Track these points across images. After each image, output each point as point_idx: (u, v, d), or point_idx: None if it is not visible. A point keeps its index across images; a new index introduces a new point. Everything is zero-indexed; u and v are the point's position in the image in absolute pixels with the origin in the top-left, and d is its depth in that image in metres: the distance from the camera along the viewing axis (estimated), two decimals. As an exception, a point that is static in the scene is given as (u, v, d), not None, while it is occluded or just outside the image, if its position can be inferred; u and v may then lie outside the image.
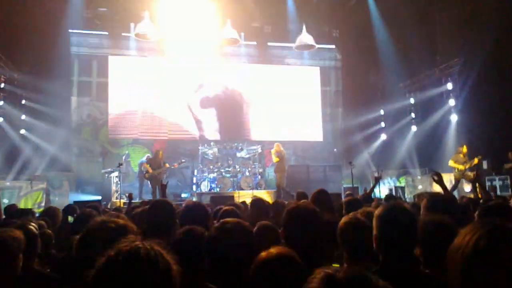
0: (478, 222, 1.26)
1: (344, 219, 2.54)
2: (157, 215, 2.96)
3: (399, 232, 1.99)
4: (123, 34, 13.59)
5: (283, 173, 11.97)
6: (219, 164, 13.17)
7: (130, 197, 6.24)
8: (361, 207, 3.63)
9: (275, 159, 11.92)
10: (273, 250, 1.77)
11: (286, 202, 6.76)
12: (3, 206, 8.03)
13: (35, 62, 12.09)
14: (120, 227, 1.86)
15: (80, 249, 1.86)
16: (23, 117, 12.43)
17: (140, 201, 9.23)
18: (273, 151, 12.10)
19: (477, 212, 3.12)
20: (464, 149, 10.72)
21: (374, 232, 2.07)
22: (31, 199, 11.55)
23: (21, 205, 9.63)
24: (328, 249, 2.59)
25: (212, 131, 14.57)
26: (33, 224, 3.09)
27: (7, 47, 11.69)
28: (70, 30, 13.26)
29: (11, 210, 5.85)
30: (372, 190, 6.98)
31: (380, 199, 8.06)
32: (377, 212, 2.12)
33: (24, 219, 3.92)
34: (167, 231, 2.69)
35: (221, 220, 2.14)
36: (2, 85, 11.91)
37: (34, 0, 11.46)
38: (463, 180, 10.93)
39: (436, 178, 4.16)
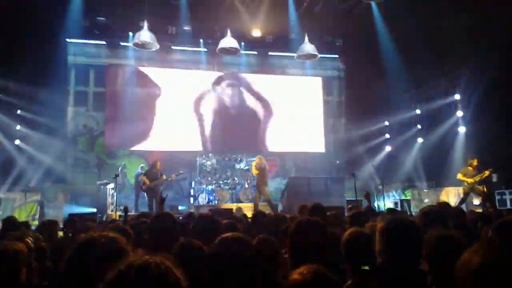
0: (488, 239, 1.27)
1: (348, 232, 2.55)
2: (160, 228, 3.06)
3: (402, 245, 2.01)
4: (121, 43, 13.43)
5: (265, 186, 11.61)
6: (218, 176, 12.95)
7: (126, 210, 6.06)
8: (366, 221, 3.69)
9: (254, 171, 11.48)
10: (305, 270, 1.73)
11: (288, 216, 6.45)
12: (-1, 218, 7.80)
13: (31, 72, 11.92)
14: (110, 241, 1.78)
15: (69, 265, 1.79)
16: (18, 127, 12.30)
17: (137, 213, 8.88)
18: (253, 163, 11.68)
19: (491, 229, 2.96)
20: (475, 162, 10.36)
21: (378, 246, 2.08)
22: (25, 211, 11.39)
23: (15, 216, 9.44)
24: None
25: (210, 142, 14.28)
26: (30, 237, 3.11)
27: (3, 56, 11.59)
28: (67, 39, 13.18)
29: (9, 222, 5.61)
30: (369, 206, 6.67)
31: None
32: (379, 226, 2.13)
33: (21, 232, 3.80)
34: (169, 243, 2.69)
35: (221, 236, 2.10)
36: (-2, 95, 11.81)
37: (31, 9, 11.34)
38: (472, 194, 10.51)
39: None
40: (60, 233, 5.45)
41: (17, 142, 12.24)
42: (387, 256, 2.04)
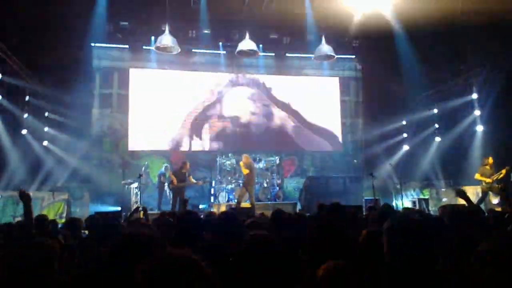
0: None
1: (365, 231, 2.57)
2: (186, 226, 3.19)
3: (407, 243, 1.96)
4: (144, 47, 13.79)
5: (253, 186, 11.68)
6: (237, 175, 13.12)
7: (145, 210, 6.30)
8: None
9: (244, 171, 11.36)
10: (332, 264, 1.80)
11: (307, 215, 6.65)
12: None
13: (58, 76, 12.36)
14: (148, 238, 1.93)
15: (112, 260, 1.92)
16: (46, 129, 12.72)
17: (160, 212, 9.18)
18: (241, 163, 11.54)
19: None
20: (490, 160, 10.40)
21: (385, 246, 2.06)
22: (53, 209, 11.74)
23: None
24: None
25: (230, 142, 14.50)
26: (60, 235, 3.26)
27: (31, 61, 12.03)
28: (92, 44, 13.57)
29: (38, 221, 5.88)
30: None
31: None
32: (384, 225, 2.10)
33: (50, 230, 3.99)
34: (194, 240, 2.89)
35: (250, 233, 2.20)
36: (27, 98, 12.24)
37: (58, 15, 11.73)
38: (490, 193, 10.54)
39: (458, 195, 4.18)
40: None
41: (45, 143, 12.63)
42: (391, 256, 2.03)
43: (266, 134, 14.72)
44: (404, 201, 12.67)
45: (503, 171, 9.99)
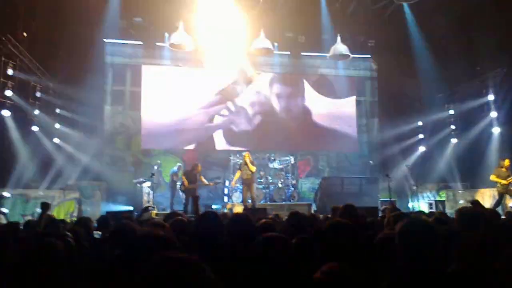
0: None
1: (380, 235, 2.56)
2: (206, 227, 3.04)
3: (420, 245, 2.00)
4: (157, 44, 13.61)
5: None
6: (251, 174, 12.93)
7: (143, 211, 6.18)
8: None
9: (253, 168, 10.97)
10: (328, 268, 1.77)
11: (321, 216, 6.49)
12: (37, 216, 7.98)
13: (70, 71, 12.17)
14: (162, 239, 1.91)
15: (124, 258, 1.91)
16: (57, 126, 12.50)
17: (171, 211, 8.98)
18: (248, 160, 11.01)
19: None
20: (506, 162, 10.30)
21: (398, 248, 2.09)
22: (63, 208, 11.58)
23: (54, 214, 9.59)
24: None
25: (244, 141, 14.29)
26: (69, 235, 3.23)
27: (43, 56, 11.84)
28: (105, 40, 13.41)
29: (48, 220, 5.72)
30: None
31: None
32: (397, 227, 2.13)
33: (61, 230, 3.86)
34: (213, 242, 2.79)
35: (264, 234, 2.16)
36: (38, 94, 12.02)
37: (71, 11, 11.55)
38: (507, 196, 10.45)
39: (473, 206, 4.29)
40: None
41: (56, 140, 12.42)
42: (403, 258, 2.04)
43: (281, 133, 14.52)
44: (420, 203, 12.58)
45: (518, 174, 9.90)
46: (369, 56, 15.25)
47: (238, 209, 10.83)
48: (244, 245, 2.62)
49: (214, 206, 12.88)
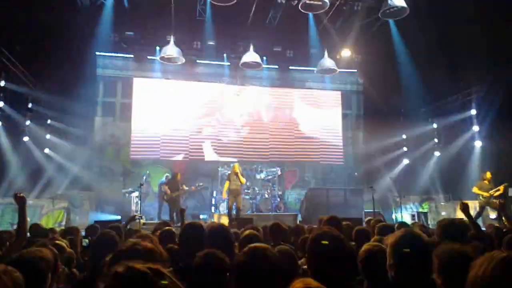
0: (494, 252, 1.34)
1: (366, 247, 2.53)
2: (189, 238, 3.09)
3: (411, 260, 2.01)
4: (148, 57, 13.87)
5: None
6: (239, 186, 13.09)
7: (129, 219, 6.33)
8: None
9: (243, 180, 11.05)
10: (300, 284, 1.67)
11: (306, 227, 6.66)
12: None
13: (61, 83, 12.32)
14: (148, 251, 1.88)
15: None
16: (48, 136, 12.67)
17: (159, 221, 9.16)
18: (238, 171, 10.97)
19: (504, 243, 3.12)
20: (488, 175, 10.49)
21: (388, 260, 2.09)
22: (52, 217, 11.63)
23: (42, 223, 9.70)
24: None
25: (232, 152, 14.50)
26: (58, 242, 3.24)
27: (35, 68, 12.01)
28: (97, 53, 13.61)
29: (35, 229, 5.85)
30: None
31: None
32: (390, 240, 2.14)
33: (47, 239, 3.94)
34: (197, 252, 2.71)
35: (249, 246, 2.12)
36: (30, 105, 12.19)
37: (63, 23, 11.77)
38: (488, 208, 10.66)
39: (462, 207, 4.24)
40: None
41: (47, 150, 12.56)
42: (396, 270, 2.06)
43: (268, 145, 14.79)
44: (403, 214, 12.77)
45: (501, 188, 10.05)
46: (355, 70, 15.57)
47: (224, 220, 10.99)
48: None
49: (201, 216, 13.04)
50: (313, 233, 2.46)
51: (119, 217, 11.63)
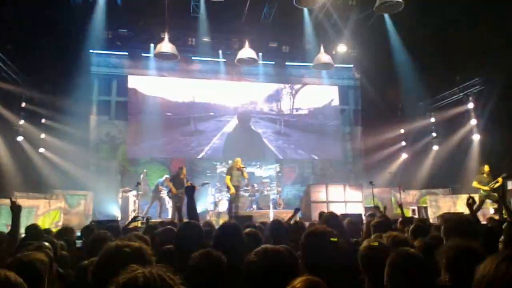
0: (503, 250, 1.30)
1: (366, 244, 2.50)
2: (186, 237, 3.10)
3: (409, 282, 2.02)
4: (143, 54, 13.75)
5: None
6: (237, 183, 13.00)
7: (147, 221, 6.29)
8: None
9: (246, 174, 10.94)
10: (299, 281, 1.69)
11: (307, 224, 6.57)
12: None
13: (55, 82, 12.19)
14: (135, 251, 1.82)
15: (95, 274, 1.80)
16: (43, 135, 12.49)
17: (160, 220, 9.03)
18: (241, 166, 10.81)
19: (501, 238, 3.07)
20: (486, 168, 10.46)
21: (385, 279, 2.09)
22: (48, 218, 11.46)
23: (39, 223, 9.56)
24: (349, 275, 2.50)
25: (230, 150, 14.38)
26: (48, 246, 3.12)
27: (28, 67, 11.85)
28: (91, 51, 13.46)
29: (31, 230, 5.73)
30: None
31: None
32: (389, 260, 2.12)
33: (42, 240, 3.85)
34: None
35: (262, 246, 2.13)
36: (23, 104, 12.03)
37: (56, 21, 11.63)
38: (488, 201, 10.64)
39: (469, 202, 4.41)
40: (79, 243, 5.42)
41: (42, 150, 12.40)
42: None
43: (266, 141, 14.66)
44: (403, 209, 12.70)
45: (500, 180, 10.02)
46: (351, 65, 15.51)
47: (224, 218, 10.87)
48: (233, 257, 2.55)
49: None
50: (305, 232, 2.48)
51: (118, 217, 11.54)
